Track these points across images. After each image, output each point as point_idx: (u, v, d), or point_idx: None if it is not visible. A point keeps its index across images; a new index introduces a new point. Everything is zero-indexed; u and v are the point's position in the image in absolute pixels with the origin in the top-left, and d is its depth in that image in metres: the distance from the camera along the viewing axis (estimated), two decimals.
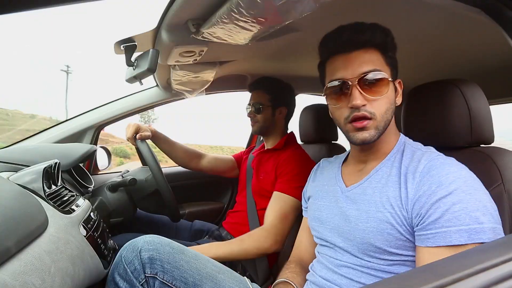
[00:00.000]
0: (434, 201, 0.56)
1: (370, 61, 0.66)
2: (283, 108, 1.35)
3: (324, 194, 0.79)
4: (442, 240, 0.54)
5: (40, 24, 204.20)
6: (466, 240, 0.53)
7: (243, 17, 0.63)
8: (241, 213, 1.34)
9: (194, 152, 1.49)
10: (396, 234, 0.61)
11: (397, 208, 0.61)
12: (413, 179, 0.61)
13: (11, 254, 0.47)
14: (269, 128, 1.35)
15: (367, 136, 0.66)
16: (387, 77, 0.66)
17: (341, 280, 0.68)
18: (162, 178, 1.13)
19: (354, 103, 0.64)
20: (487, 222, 0.53)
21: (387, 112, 0.67)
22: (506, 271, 0.38)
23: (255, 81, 1.39)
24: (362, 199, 0.68)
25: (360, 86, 0.65)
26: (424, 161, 0.62)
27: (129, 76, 0.90)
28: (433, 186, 0.57)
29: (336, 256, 0.71)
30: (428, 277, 0.36)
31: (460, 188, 0.55)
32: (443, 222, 0.55)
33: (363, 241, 0.64)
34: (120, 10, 27.65)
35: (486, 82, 1.05)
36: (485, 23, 0.63)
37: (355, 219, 0.67)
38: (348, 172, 0.77)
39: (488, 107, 0.74)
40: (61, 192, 0.84)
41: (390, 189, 0.64)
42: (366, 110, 0.65)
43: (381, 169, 0.69)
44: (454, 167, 0.59)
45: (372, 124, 0.66)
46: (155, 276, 0.74)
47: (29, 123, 26.70)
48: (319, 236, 0.77)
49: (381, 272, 0.63)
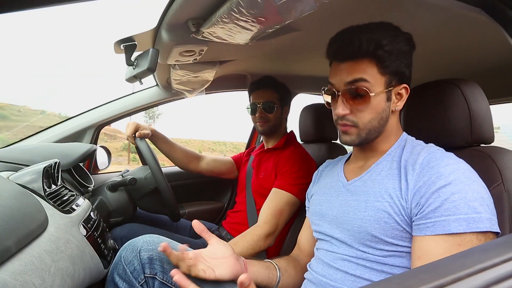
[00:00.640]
0: (434, 190, 0.57)
1: (358, 71, 0.66)
2: (287, 107, 1.38)
3: (326, 190, 0.80)
4: (441, 229, 0.55)
5: (39, 24, 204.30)
6: (465, 229, 0.54)
7: (243, 17, 0.63)
8: (241, 213, 1.34)
9: (193, 154, 1.48)
10: (393, 224, 0.62)
11: (396, 198, 0.62)
12: (413, 170, 0.62)
13: (11, 253, 0.47)
14: (277, 127, 1.35)
15: (349, 139, 0.71)
16: (370, 90, 0.65)
17: (336, 274, 0.69)
18: (161, 176, 1.13)
19: (336, 112, 0.69)
20: (484, 212, 0.55)
21: (371, 121, 0.68)
22: (506, 270, 0.38)
23: (262, 79, 1.36)
24: (362, 191, 0.69)
25: (345, 96, 0.67)
26: (424, 154, 0.64)
27: (129, 75, 0.90)
28: (433, 177, 0.59)
29: (333, 249, 0.72)
30: (428, 277, 0.36)
31: (459, 179, 0.57)
32: (442, 211, 0.56)
33: (360, 230, 0.66)
34: (120, 10, 27.71)
35: (486, 82, 1.05)
36: (486, 22, 0.63)
37: (354, 209, 0.68)
38: (350, 169, 0.79)
39: (488, 106, 0.74)
40: (61, 191, 0.84)
41: (390, 181, 0.65)
42: (348, 119, 0.69)
43: (381, 163, 0.70)
44: (453, 159, 0.61)
45: (354, 131, 0.69)
46: (154, 277, 0.74)
47: (39, 117, 26.95)
48: (318, 229, 0.78)
49: (376, 264, 0.64)
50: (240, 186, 1.45)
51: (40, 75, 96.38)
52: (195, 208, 1.71)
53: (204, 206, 1.75)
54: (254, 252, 1.07)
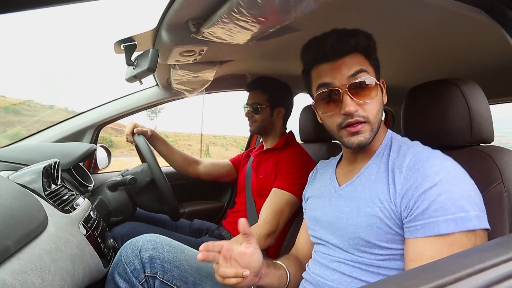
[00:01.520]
0: (421, 192, 0.57)
1: (358, 64, 0.67)
2: (281, 108, 1.36)
3: (320, 195, 0.80)
4: (430, 230, 0.56)
5: (38, 25, 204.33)
6: (454, 229, 0.54)
7: (243, 17, 0.63)
8: (241, 213, 1.34)
9: (191, 158, 1.51)
10: (385, 228, 0.62)
11: (386, 203, 0.62)
12: (400, 173, 0.62)
13: (11, 253, 0.47)
14: (267, 128, 1.36)
15: (363, 139, 0.67)
16: (374, 79, 0.67)
17: (333, 275, 0.69)
18: (157, 167, 1.13)
19: (347, 110, 0.65)
20: (472, 210, 0.55)
21: (378, 113, 0.68)
22: (506, 270, 0.38)
23: (252, 81, 1.40)
24: (353, 196, 0.69)
25: (351, 92, 0.66)
26: (409, 155, 0.64)
27: (129, 75, 0.90)
28: (419, 179, 0.59)
29: (329, 252, 0.72)
30: (428, 277, 0.36)
31: (445, 179, 0.57)
32: (431, 212, 0.56)
33: (354, 236, 0.66)
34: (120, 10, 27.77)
35: (486, 82, 1.05)
36: (486, 22, 0.63)
37: (346, 215, 0.68)
38: (342, 172, 0.79)
39: (488, 106, 0.74)
40: (61, 191, 0.84)
41: (379, 185, 0.65)
42: (359, 115, 0.66)
43: (370, 167, 0.70)
44: (438, 159, 0.61)
45: (367, 128, 0.67)
46: (155, 276, 0.75)
47: (48, 112, 27.12)
48: (315, 234, 0.78)
49: (372, 267, 0.64)
50: (240, 186, 1.45)
51: (45, 73, 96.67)
52: (195, 207, 1.71)
53: (204, 206, 1.75)
54: None
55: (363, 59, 0.68)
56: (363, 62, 0.68)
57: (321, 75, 0.69)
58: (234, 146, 39.53)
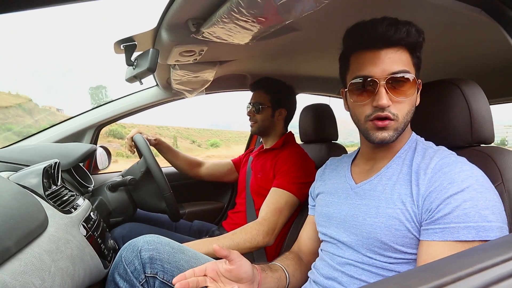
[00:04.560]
0: (446, 197, 0.57)
1: (400, 61, 0.64)
2: (283, 109, 1.36)
3: (333, 191, 0.79)
4: (450, 235, 0.55)
5: (38, 25, 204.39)
6: (474, 237, 0.53)
7: (243, 17, 0.63)
8: (241, 214, 1.34)
9: (194, 161, 1.57)
10: (404, 231, 0.61)
11: (408, 205, 0.61)
12: (425, 175, 0.61)
13: (11, 253, 0.47)
14: (267, 128, 1.36)
15: (386, 136, 0.65)
16: (414, 78, 0.65)
17: (342, 277, 0.68)
18: (153, 160, 1.14)
19: (381, 103, 0.63)
20: (495, 221, 0.54)
21: (408, 114, 0.66)
22: (506, 270, 0.38)
23: (256, 81, 1.40)
24: (372, 195, 0.68)
25: (388, 86, 0.64)
26: (436, 158, 0.63)
27: (129, 75, 0.90)
28: (445, 183, 0.58)
29: (339, 253, 0.71)
30: (428, 276, 0.36)
31: (472, 186, 0.56)
32: (453, 218, 0.55)
33: (369, 236, 0.65)
34: (120, 10, 27.39)
35: (487, 82, 1.04)
36: (486, 22, 0.63)
37: (363, 214, 0.67)
38: (358, 171, 0.77)
39: (489, 106, 0.74)
40: (61, 191, 0.84)
41: (402, 186, 0.64)
42: (390, 111, 0.64)
43: (391, 167, 0.69)
44: (467, 165, 0.60)
45: (393, 125, 0.65)
46: (155, 276, 0.74)
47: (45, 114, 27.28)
48: (324, 231, 0.77)
49: (382, 270, 0.63)
50: (240, 187, 1.45)
51: (45, 72, 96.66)
52: (195, 208, 1.71)
53: (204, 206, 1.75)
54: (252, 246, 1.06)
55: (407, 56, 0.66)
56: (407, 59, 0.66)
57: (360, 65, 0.66)
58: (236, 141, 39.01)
